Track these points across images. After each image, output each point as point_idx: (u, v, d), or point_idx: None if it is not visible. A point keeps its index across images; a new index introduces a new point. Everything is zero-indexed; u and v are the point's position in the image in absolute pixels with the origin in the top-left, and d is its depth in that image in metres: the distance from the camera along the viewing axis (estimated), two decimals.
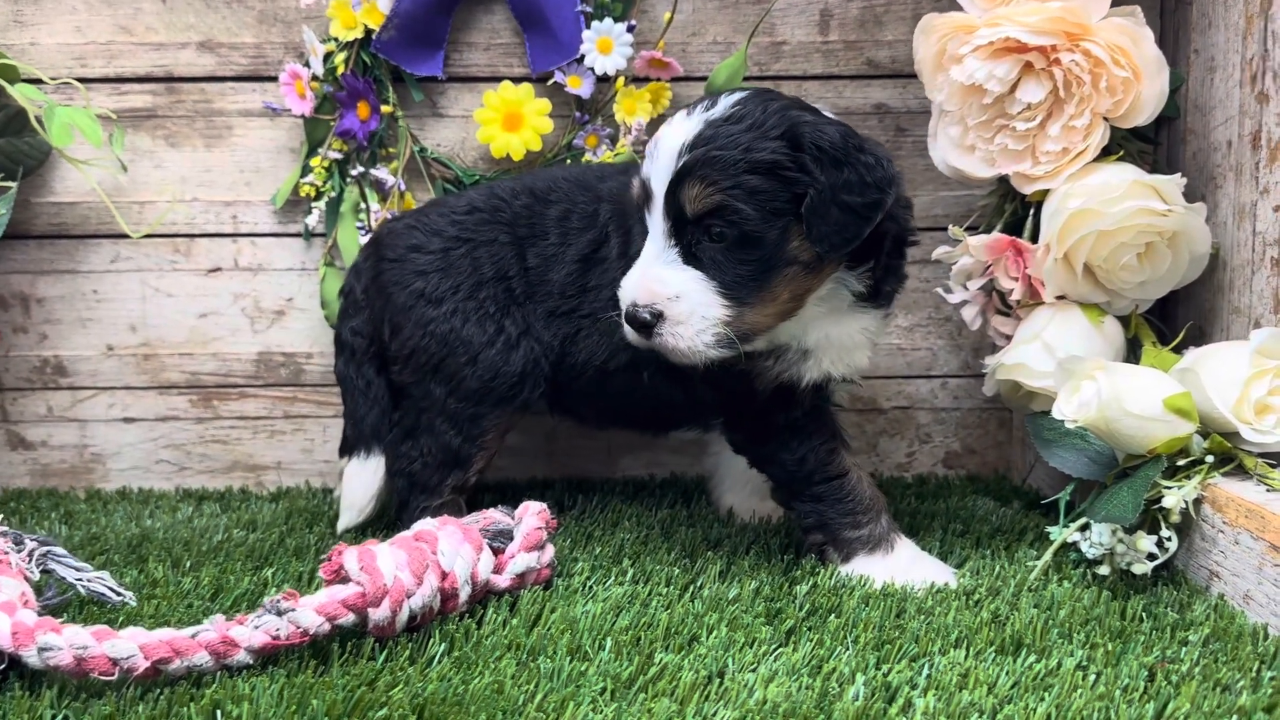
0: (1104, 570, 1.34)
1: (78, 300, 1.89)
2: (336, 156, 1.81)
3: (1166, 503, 1.32)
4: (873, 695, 1.04)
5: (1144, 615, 1.24)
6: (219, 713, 0.99)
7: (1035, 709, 1.01)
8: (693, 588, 1.34)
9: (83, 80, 1.81)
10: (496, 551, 1.31)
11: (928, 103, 1.66)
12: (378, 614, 1.13)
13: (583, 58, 1.77)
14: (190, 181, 1.87)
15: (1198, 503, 1.33)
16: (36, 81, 1.78)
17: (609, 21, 1.76)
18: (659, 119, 1.78)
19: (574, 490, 1.83)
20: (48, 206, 1.86)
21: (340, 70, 1.78)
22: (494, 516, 1.35)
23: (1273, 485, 1.30)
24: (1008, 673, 1.09)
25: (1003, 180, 1.63)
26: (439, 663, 1.11)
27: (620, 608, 1.26)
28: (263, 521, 1.68)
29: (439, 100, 1.85)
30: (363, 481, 1.60)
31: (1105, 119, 1.53)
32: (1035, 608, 1.26)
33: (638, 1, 1.81)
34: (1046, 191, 1.56)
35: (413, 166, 1.84)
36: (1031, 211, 1.61)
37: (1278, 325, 1.43)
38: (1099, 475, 1.43)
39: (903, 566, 1.39)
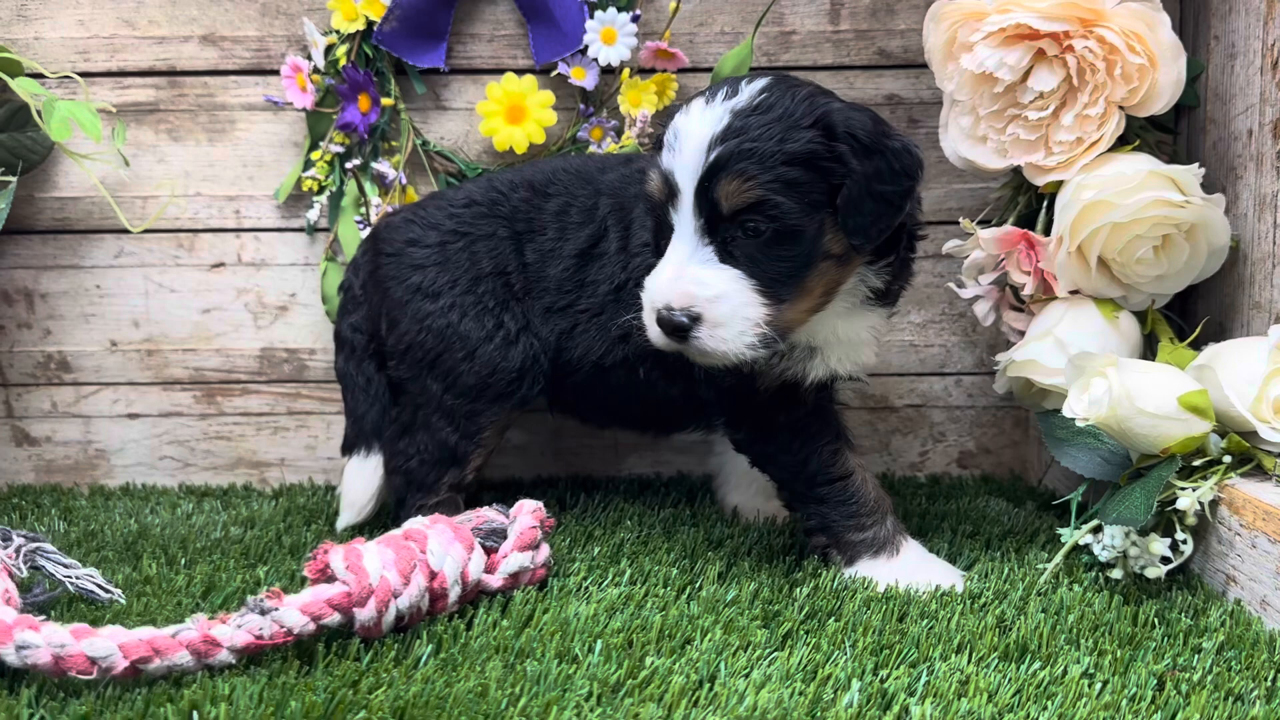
0: (1117, 574, 1.29)
1: (81, 296, 1.89)
2: (338, 150, 1.79)
3: (1181, 504, 1.27)
4: (867, 702, 1.00)
5: (1156, 621, 1.20)
6: (196, 713, 0.96)
7: (1037, 718, 0.97)
8: (690, 589, 1.31)
9: (86, 74, 1.81)
10: (489, 551, 1.28)
11: (940, 94, 1.61)
12: (364, 614, 1.11)
13: (586, 49, 1.74)
14: (193, 176, 1.86)
15: (1214, 504, 1.28)
16: (39, 76, 1.78)
17: (613, 11, 1.73)
18: (665, 111, 1.75)
19: (577, 489, 1.80)
20: (51, 202, 1.86)
21: (342, 63, 1.76)
22: (487, 515, 1.32)
23: None
24: (1010, 680, 1.04)
25: (1016, 172, 1.59)
26: (424, 664, 1.09)
27: (614, 609, 1.23)
28: (261, 519, 1.66)
29: (442, 92, 1.83)
30: (363, 480, 1.58)
31: (1120, 107, 1.48)
32: (1043, 612, 1.21)
33: None
34: (1060, 183, 1.52)
35: (415, 160, 1.82)
36: (1045, 204, 1.56)
37: None
38: (1112, 475, 1.38)
39: (908, 569, 1.34)
